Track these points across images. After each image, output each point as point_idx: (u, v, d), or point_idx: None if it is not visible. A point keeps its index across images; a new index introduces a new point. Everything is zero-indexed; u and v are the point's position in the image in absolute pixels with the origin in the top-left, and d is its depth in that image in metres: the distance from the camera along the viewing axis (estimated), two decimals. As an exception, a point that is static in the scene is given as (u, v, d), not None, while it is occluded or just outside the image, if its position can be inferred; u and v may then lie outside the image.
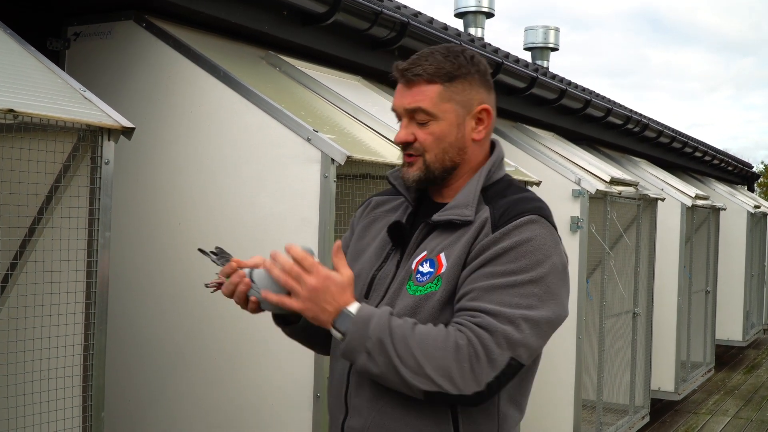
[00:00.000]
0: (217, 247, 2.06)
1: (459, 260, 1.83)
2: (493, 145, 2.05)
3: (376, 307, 1.89)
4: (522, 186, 2.00)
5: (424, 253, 1.90)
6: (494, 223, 1.83)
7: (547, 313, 1.78)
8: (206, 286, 2.04)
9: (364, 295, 1.98)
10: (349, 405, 1.96)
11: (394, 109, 1.98)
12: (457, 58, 1.93)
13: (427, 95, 1.90)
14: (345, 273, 1.83)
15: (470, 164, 1.98)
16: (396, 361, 1.74)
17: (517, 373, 1.79)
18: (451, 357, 1.72)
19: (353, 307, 1.81)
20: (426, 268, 1.88)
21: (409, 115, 1.94)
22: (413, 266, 1.91)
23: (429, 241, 1.92)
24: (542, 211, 1.87)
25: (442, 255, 1.86)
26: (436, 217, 1.92)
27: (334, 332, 1.81)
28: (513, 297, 1.76)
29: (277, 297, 1.84)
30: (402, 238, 1.99)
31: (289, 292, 1.83)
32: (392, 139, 3.78)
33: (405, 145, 1.96)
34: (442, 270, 1.85)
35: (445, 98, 1.91)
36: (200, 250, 2.10)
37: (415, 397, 1.80)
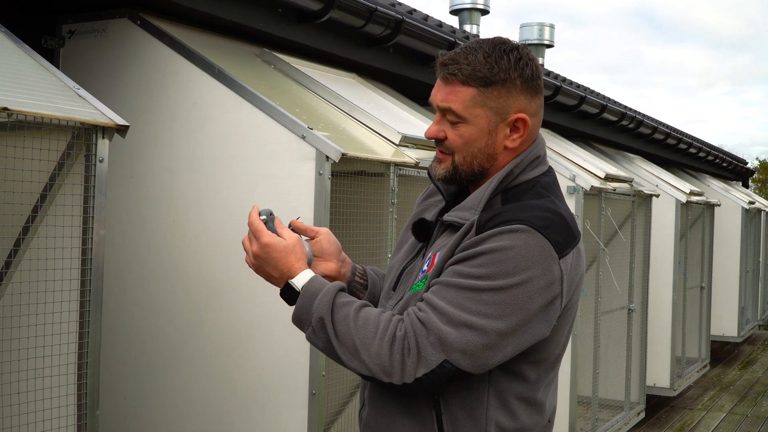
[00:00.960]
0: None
1: (443, 262, 1.81)
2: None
3: (400, 299, 1.92)
4: (546, 192, 1.88)
5: (431, 252, 1.90)
6: (479, 227, 1.77)
7: (502, 326, 1.69)
8: None
9: (392, 287, 1.99)
10: (364, 397, 2.00)
11: (430, 101, 1.93)
12: (500, 60, 1.82)
13: (459, 97, 1.83)
14: (286, 236, 1.90)
15: (499, 170, 1.89)
16: (334, 341, 1.76)
17: (456, 378, 1.73)
18: (386, 347, 1.72)
19: (299, 279, 1.85)
20: (425, 266, 1.88)
21: (441, 111, 1.88)
22: (423, 264, 1.91)
23: (439, 240, 1.91)
24: (540, 222, 1.74)
25: (438, 255, 1.85)
26: (444, 217, 1.90)
27: (284, 300, 1.88)
28: (467, 300, 1.70)
29: (246, 260, 1.94)
30: (427, 235, 1.98)
31: None
32: (387, 137, 3.78)
33: (437, 141, 1.91)
34: (431, 270, 1.84)
35: (478, 103, 1.82)
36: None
37: (401, 398, 1.82)
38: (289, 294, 1.86)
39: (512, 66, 1.83)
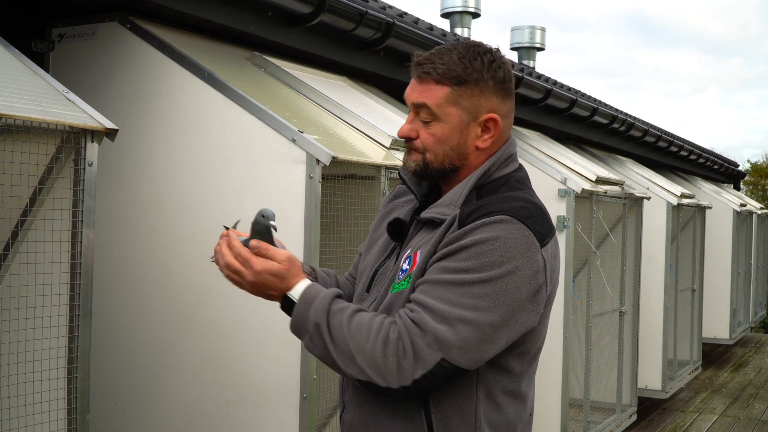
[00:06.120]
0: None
1: (426, 259, 1.82)
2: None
3: (374, 301, 1.92)
4: (520, 185, 1.92)
5: (409, 250, 1.90)
6: (461, 221, 1.79)
7: (494, 318, 1.71)
8: (211, 259, 2.05)
9: (366, 289, 1.99)
10: (345, 400, 2.00)
11: (404, 97, 1.96)
12: (474, 61, 1.87)
13: (433, 94, 1.87)
14: (279, 258, 1.87)
15: (471, 168, 1.92)
16: (330, 347, 1.76)
17: (454, 376, 1.73)
18: (380, 350, 1.72)
19: (296, 291, 1.85)
20: (405, 265, 1.89)
21: (415, 110, 1.91)
22: (400, 263, 1.91)
23: (416, 237, 1.92)
24: (521, 212, 1.77)
25: (419, 252, 1.86)
26: (423, 214, 1.91)
27: (284, 313, 1.88)
28: (457, 296, 1.71)
29: (233, 282, 1.93)
30: (401, 235, 1.98)
31: None
32: (377, 140, 3.78)
33: (407, 140, 1.94)
34: (414, 268, 1.84)
35: (451, 101, 1.86)
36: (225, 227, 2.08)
37: (389, 397, 1.80)
38: (288, 306, 1.86)
39: (485, 67, 1.87)
